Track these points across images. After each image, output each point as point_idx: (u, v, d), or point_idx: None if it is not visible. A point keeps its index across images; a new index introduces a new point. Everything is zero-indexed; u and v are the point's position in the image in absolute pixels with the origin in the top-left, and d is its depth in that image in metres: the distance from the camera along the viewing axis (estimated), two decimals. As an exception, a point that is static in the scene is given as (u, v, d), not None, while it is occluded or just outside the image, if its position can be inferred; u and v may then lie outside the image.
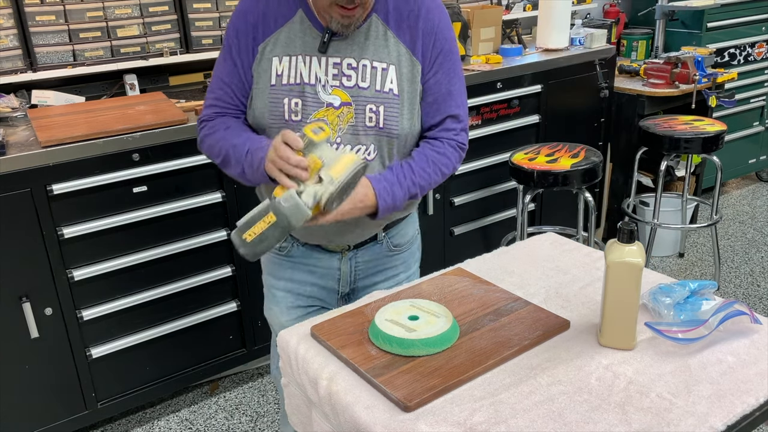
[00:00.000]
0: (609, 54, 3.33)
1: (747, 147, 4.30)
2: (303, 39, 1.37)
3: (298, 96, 1.37)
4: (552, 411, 1.06)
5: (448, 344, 1.22)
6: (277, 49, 1.38)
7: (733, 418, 1.04)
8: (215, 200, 2.37)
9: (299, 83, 1.37)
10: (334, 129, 1.38)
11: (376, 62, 1.38)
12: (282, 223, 1.16)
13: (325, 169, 1.22)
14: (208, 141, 1.44)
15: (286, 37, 1.38)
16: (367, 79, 1.38)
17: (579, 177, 2.55)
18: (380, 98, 1.38)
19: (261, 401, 2.62)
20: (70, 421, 2.30)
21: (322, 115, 1.37)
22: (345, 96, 1.38)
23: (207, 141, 1.45)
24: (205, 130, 1.45)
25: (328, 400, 1.16)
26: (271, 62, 1.38)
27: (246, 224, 1.20)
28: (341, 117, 1.38)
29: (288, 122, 1.38)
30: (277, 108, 1.38)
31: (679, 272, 3.51)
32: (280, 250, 1.55)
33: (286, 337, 1.31)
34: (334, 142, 1.39)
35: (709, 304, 1.27)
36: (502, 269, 1.53)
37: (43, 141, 2.05)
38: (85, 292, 2.22)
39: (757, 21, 4.06)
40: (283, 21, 1.37)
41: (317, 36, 1.36)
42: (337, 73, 1.37)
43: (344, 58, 1.37)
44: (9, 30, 2.37)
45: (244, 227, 1.20)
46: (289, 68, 1.37)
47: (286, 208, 1.17)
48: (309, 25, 1.37)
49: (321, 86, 1.37)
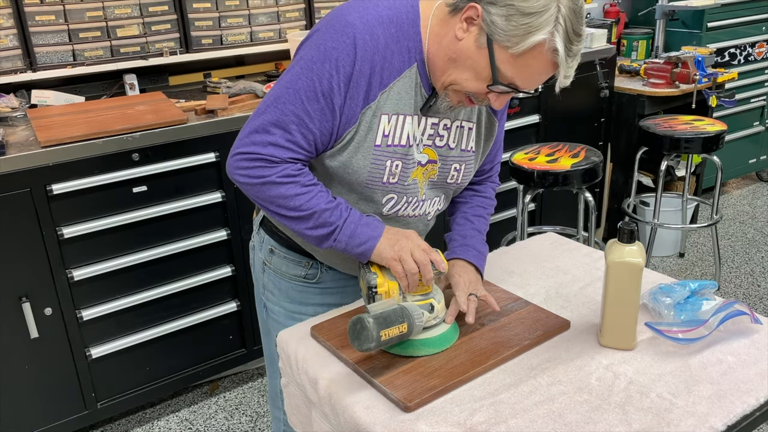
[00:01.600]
0: (609, 54, 3.32)
1: (747, 147, 4.30)
2: (414, 98, 1.24)
3: (400, 158, 1.27)
4: (552, 411, 1.06)
5: (448, 344, 1.22)
6: (388, 106, 1.22)
7: (733, 418, 1.04)
8: (215, 200, 2.37)
9: (405, 145, 1.26)
10: (421, 187, 1.34)
11: (465, 122, 1.34)
12: (405, 337, 1.16)
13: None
14: (278, 189, 1.22)
15: (397, 94, 1.23)
16: (456, 139, 1.34)
17: (579, 177, 2.55)
18: (463, 157, 1.36)
19: (261, 401, 2.61)
20: (70, 421, 2.29)
21: (414, 176, 1.31)
22: (433, 154, 1.32)
23: (276, 189, 1.22)
24: (294, 187, 1.22)
25: (327, 401, 1.15)
26: (380, 120, 1.23)
27: (385, 321, 1.12)
28: (425, 174, 1.34)
29: (386, 184, 1.28)
30: (379, 170, 1.26)
31: (680, 272, 3.51)
32: (307, 278, 1.45)
33: (286, 337, 1.31)
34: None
35: (709, 304, 1.27)
36: (502, 269, 1.53)
37: (43, 141, 2.05)
38: (85, 292, 2.22)
39: (757, 21, 4.06)
40: (398, 74, 1.22)
41: (424, 96, 1.25)
42: (433, 134, 1.30)
43: (442, 119, 1.30)
44: (9, 30, 2.37)
45: (383, 324, 1.11)
46: (395, 128, 1.24)
47: (416, 327, 1.17)
48: (419, 82, 1.24)
49: (416, 146, 1.29)
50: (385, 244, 1.23)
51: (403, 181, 1.30)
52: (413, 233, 1.26)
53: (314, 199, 1.23)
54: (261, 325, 1.61)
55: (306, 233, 1.26)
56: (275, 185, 1.22)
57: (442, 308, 1.24)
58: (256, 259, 1.52)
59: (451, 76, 1.19)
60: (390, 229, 1.26)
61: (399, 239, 1.23)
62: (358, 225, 1.24)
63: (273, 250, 1.45)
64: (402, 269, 1.20)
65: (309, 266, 1.43)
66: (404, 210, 1.34)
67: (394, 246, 1.22)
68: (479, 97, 1.20)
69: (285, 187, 1.22)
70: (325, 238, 1.25)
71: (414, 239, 1.23)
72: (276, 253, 1.45)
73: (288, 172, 1.22)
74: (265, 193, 1.23)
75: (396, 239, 1.23)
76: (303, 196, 1.23)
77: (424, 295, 1.23)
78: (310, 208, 1.23)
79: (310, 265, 1.43)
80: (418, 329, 1.17)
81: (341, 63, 1.17)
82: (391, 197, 1.31)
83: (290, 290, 1.47)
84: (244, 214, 2.43)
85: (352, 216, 1.25)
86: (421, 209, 1.37)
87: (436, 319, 1.22)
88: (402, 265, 1.20)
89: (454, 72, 1.18)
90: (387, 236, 1.24)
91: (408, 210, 1.35)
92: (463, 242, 1.42)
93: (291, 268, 1.44)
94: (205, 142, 2.29)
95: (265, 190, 1.23)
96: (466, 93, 1.20)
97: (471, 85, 1.18)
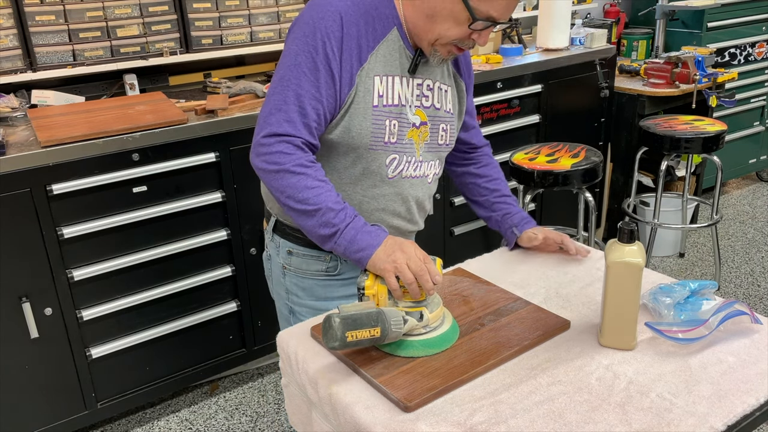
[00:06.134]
0: (609, 54, 3.32)
1: (747, 147, 4.30)
2: (399, 59, 1.35)
3: (396, 117, 1.36)
4: (552, 411, 1.06)
5: (448, 345, 1.22)
6: (378, 67, 1.33)
7: (734, 418, 1.04)
8: (215, 200, 2.37)
9: (397, 105, 1.36)
10: (417, 149, 1.42)
11: (442, 84, 1.44)
12: (379, 341, 1.16)
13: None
14: (290, 179, 1.27)
15: (383, 56, 1.33)
16: (440, 100, 1.44)
17: (579, 177, 2.55)
18: (447, 118, 1.47)
19: (261, 401, 2.62)
20: (70, 421, 2.30)
21: (410, 136, 1.39)
22: (423, 116, 1.42)
23: (289, 179, 1.27)
24: (290, 164, 1.26)
25: (328, 401, 1.15)
26: (374, 81, 1.32)
27: (353, 323, 1.12)
28: (421, 136, 1.42)
29: (387, 144, 1.36)
30: (380, 130, 1.35)
31: (680, 272, 3.51)
32: (329, 271, 1.48)
33: (286, 337, 1.31)
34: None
35: (709, 304, 1.27)
36: (502, 269, 1.53)
37: (43, 141, 2.05)
38: (85, 292, 2.22)
39: (757, 21, 4.06)
40: (381, 37, 1.33)
41: (409, 57, 1.36)
42: (419, 94, 1.40)
43: (425, 79, 1.40)
44: (9, 30, 2.37)
45: (351, 325, 1.11)
46: (387, 88, 1.34)
47: (393, 333, 1.16)
48: (402, 45, 1.35)
49: (409, 107, 1.38)
50: (382, 254, 1.24)
51: (401, 140, 1.38)
52: (412, 244, 1.26)
53: (323, 195, 1.28)
54: None
55: (312, 231, 1.30)
56: (289, 174, 1.27)
57: (435, 317, 1.23)
58: (274, 267, 1.54)
59: (434, 32, 1.29)
60: (389, 239, 1.27)
61: (395, 251, 1.24)
62: (359, 231, 1.27)
63: (291, 252, 1.48)
64: (395, 281, 1.21)
65: (329, 260, 1.46)
66: (406, 170, 1.41)
67: (391, 256, 1.23)
68: (464, 41, 1.31)
69: (297, 178, 1.27)
70: (328, 239, 1.29)
71: (412, 250, 1.24)
72: (295, 254, 1.47)
73: (302, 162, 1.28)
74: (279, 182, 1.28)
75: (393, 250, 1.24)
76: (313, 189, 1.27)
77: (416, 303, 1.23)
78: (317, 203, 1.27)
79: (330, 259, 1.46)
80: (395, 335, 1.16)
81: (330, 30, 1.27)
82: (393, 158, 1.38)
83: (314, 287, 1.50)
84: (244, 214, 2.43)
85: (355, 222, 1.28)
86: (420, 170, 1.44)
87: (425, 327, 1.22)
88: (399, 275, 1.21)
89: (435, 27, 1.29)
90: (385, 247, 1.25)
91: (409, 170, 1.42)
92: (521, 217, 1.59)
93: (312, 265, 1.47)
94: (205, 142, 2.29)
95: (279, 178, 1.28)
96: (452, 42, 1.30)
97: (454, 32, 1.28)
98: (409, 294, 1.22)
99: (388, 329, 1.14)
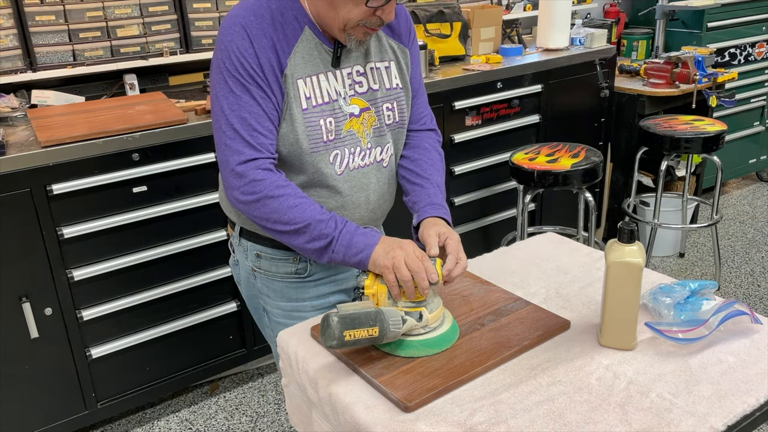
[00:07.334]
0: (609, 54, 3.32)
1: (747, 147, 4.30)
2: (319, 56, 1.35)
3: (330, 114, 1.36)
4: (552, 411, 1.06)
5: (448, 345, 1.22)
6: (299, 71, 1.33)
7: (734, 418, 1.04)
8: (215, 200, 2.37)
9: (329, 101, 1.36)
10: (362, 137, 1.41)
11: (378, 63, 1.43)
12: (377, 340, 1.16)
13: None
14: (272, 204, 1.28)
15: (301, 57, 1.33)
16: (377, 80, 1.42)
17: (579, 177, 2.55)
18: (392, 95, 1.44)
19: (261, 401, 2.62)
20: (70, 421, 2.30)
21: (349, 128, 1.39)
22: (362, 103, 1.41)
23: (271, 204, 1.28)
24: (267, 189, 1.28)
25: (328, 401, 1.15)
26: (297, 86, 1.33)
27: (352, 322, 1.12)
28: (365, 123, 1.41)
29: (327, 143, 1.36)
30: (316, 131, 1.34)
31: (680, 272, 3.51)
32: (298, 273, 1.47)
33: (286, 337, 1.31)
34: (366, 148, 1.42)
35: (709, 304, 1.27)
36: (502, 269, 1.53)
37: (43, 141, 2.05)
38: (85, 292, 2.22)
39: (757, 21, 4.06)
40: (295, 40, 1.33)
41: (328, 51, 1.36)
42: (351, 83, 1.39)
43: (353, 66, 1.39)
44: (9, 30, 2.37)
45: (349, 324, 1.12)
46: (314, 89, 1.35)
47: (391, 333, 1.16)
48: (318, 41, 1.35)
49: (342, 99, 1.38)
50: (381, 251, 1.25)
51: (339, 135, 1.37)
52: (411, 243, 1.27)
53: (307, 210, 1.28)
54: (266, 332, 1.62)
55: (305, 247, 1.30)
56: (270, 199, 1.28)
57: (435, 317, 1.23)
58: (243, 271, 1.54)
59: (339, 18, 1.29)
60: (386, 239, 1.27)
61: (395, 248, 1.24)
62: (354, 234, 1.27)
63: (260, 255, 1.47)
64: (394, 278, 1.21)
65: (297, 261, 1.46)
66: (353, 162, 1.40)
67: (390, 253, 1.23)
68: (371, 20, 1.30)
69: (278, 201, 1.28)
70: (323, 251, 1.29)
71: (410, 248, 1.24)
72: (263, 257, 1.47)
73: (278, 183, 1.29)
74: (261, 210, 1.29)
75: (392, 247, 1.24)
76: (296, 208, 1.28)
77: (416, 303, 1.23)
78: (304, 219, 1.28)
79: (299, 260, 1.45)
80: (394, 335, 1.17)
81: (240, 47, 1.28)
82: (335, 154, 1.38)
83: (285, 289, 1.49)
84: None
85: (348, 227, 1.29)
86: (369, 157, 1.43)
87: (425, 328, 1.22)
88: (395, 273, 1.21)
89: (338, 12, 1.29)
90: (383, 244, 1.26)
91: (356, 161, 1.41)
92: (428, 201, 1.45)
93: (281, 267, 1.46)
94: (205, 142, 2.29)
95: (261, 206, 1.29)
96: (359, 23, 1.29)
97: (355, 13, 1.28)
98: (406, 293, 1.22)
99: (386, 329, 1.15)
